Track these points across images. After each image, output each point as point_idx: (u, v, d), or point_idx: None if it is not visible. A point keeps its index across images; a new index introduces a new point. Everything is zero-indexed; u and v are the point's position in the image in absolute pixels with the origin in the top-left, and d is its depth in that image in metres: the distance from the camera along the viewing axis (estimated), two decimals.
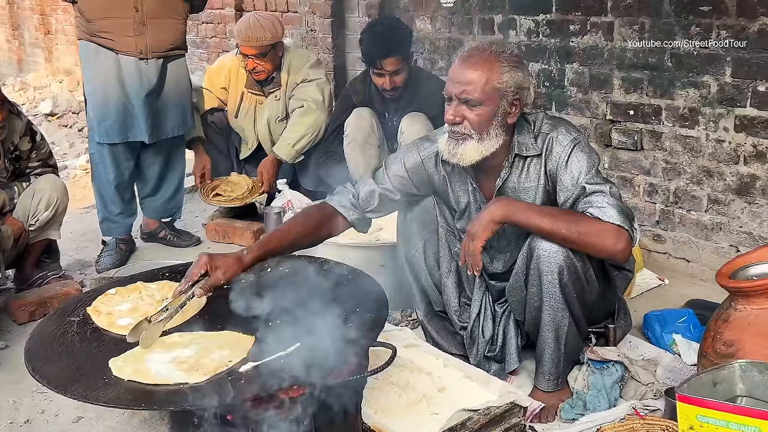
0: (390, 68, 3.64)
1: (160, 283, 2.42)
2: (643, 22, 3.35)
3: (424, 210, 2.56)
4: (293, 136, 4.09)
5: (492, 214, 2.24)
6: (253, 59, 4.05)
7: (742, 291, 2.03)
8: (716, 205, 3.27)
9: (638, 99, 3.45)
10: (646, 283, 3.35)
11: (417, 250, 2.60)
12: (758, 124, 3.05)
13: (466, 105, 2.26)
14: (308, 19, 5.37)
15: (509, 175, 2.38)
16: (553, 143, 2.31)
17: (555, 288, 2.25)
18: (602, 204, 2.17)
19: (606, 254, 2.22)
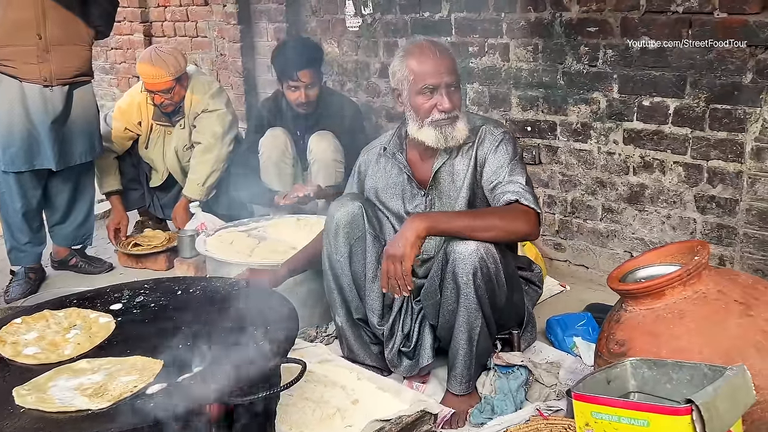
0: (306, 80, 3.62)
1: (67, 310, 2.36)
2: (536, 44, 3.46)
3: (351, 217, 2.57)
4: (200, 175, 4.01)
5: (416, 230, 2.25)
6: (161, 95, 3.97)
7: (631, 293, 2.11)
8: (610, 213, 3.40)
9: (535, 116, 3.57)
10: (549, 290, 3.44)
11: (342, 255, 2.59)
12: (644, 137, 3.19)
13: (452, 89, 2.43)
14: (217, 44, 5.34)
15: (446, 160, 2.53)
16: (485, 134, 2.51)
17: (470, 289, 2.30)
18: (517, 189, 2.36)
19: (521, 234, 2.36)
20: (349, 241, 2.58)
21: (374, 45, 4.24)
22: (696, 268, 2.02)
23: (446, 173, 2.55)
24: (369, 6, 4.19)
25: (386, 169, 2.67)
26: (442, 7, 3.81)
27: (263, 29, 4.87)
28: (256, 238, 3.42)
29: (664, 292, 2.04)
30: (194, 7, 5.51)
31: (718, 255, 3.07)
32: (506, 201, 2.36)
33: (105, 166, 4.15)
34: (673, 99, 3.06)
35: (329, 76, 4.52)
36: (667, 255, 2.23)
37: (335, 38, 4.47)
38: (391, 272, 2.27)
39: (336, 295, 2.66)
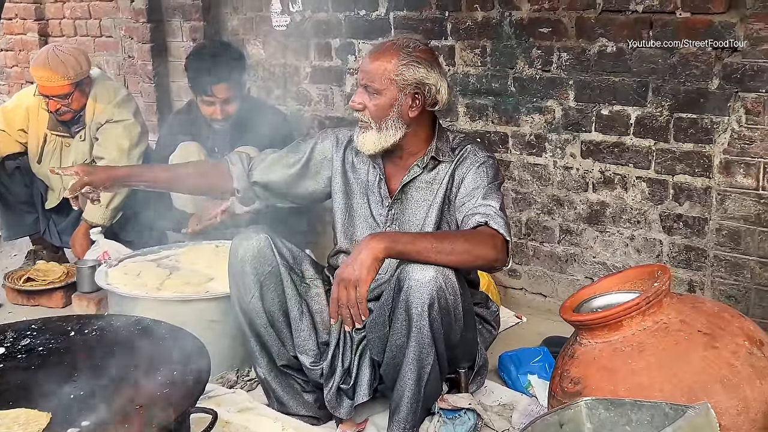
0: (221, 95, 3.62)
1: None
2: (484, 46, 3.53)
3: (257, 250, 2.56)
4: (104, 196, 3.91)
5: (374, 251, 2.23)
6: (57, 101, 3.91)
7: (585, 324, 2.15)
8: (568, 235, 3.47)
9: (484, 126, 3.63)
10: (504, 321, 3.47)
11: (253, 296, 2.57)
12: (604, 149, 3.28)
13: (367, 93, 2.51)
14: (125, 45, 5.29)
15: (419, 174, 2.59)
16: (469, 153, 2.59)
17: (424, 321, 2.28)
18: (488, 212, 2.41)
19: (490, 260, 2.36)
20: (259, 279, 2.56)
21: (304, 47, 4.26)
22: (656, 296, 2.08)
23: (416, 188, 2.61)
24: (298, 2, 4.22)
25: (353, 164, 2.72)
26: (379, 5, 3.86)
27: (177, 28, 4.84)
28: (167, 268, 3.39)
29: (621, 322, 2.09)
30: (98, 3, 5.45)
31: (687, 280, 3.16)
32: (475, 223, 2.40)
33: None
34: (635, 107, 3.16)
35: (253, 81, 4.52)
36: (625, 281, 2.29)
37: (260, 39, 4.48)
38: (343, 299, 2.23)
39: (254, 343, 2.64)
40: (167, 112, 4.95)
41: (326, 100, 4.26)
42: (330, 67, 4.17)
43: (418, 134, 2.58)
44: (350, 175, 2.72)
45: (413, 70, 2.47)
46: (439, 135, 2.62)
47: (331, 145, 2.76)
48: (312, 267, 2.69)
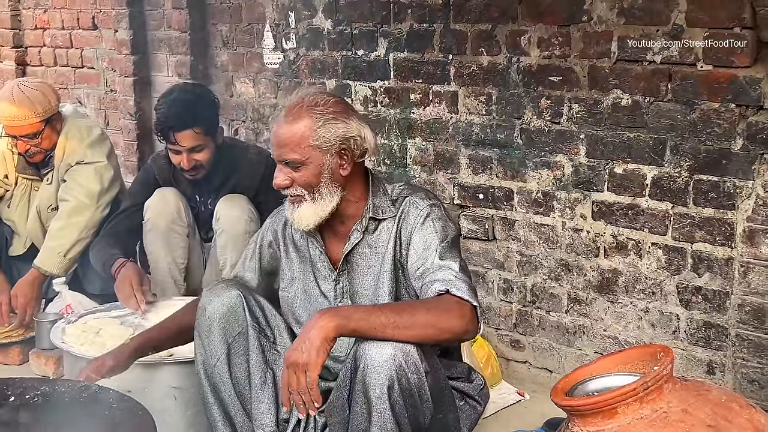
0: (186, 143, 3.62)
1: None
2: (490, 93, 3.56)
3: (227, 308, 2.55)
4: (63, 242, 3.91)
5: (324, 331, 2.20)
6: (25, 141, 3.94)
7: (576, 410, 2.12)
8: (577, 304, 3.45)
9: (488, 181, 3.64)
10: (503, 398, 3.46)
11: (219, 360, 2.55)
12: (617, 211, 3.27)
13: (290, 167, 2.48)
14: (107, 78, 5.37)
15: (361, 239, 2.55)
16: (410, 206, 2.54)
17: (384, 405, 2.23)
18: (449, 278, 2.35)
19: (458, 332, 2.32)
20: (227, 340, 2.55)
21: (297, 86, 4.30)
22: (655, 381, 2.05)
23: (361, 255, 2.57)
24: (292, 40, 4.28)
25: (294, 243, 2.70)
26: (378, 45, 3.91)
27: (163, 62, 4.92)
28: (131, 326, 3.39)
29: (617, 409, 2.06)
30: (80, 31, 5.56)
31: (706, 360, 3.12)
32: (435, 292, 2.35)
33: None
34: (651, 166, 3.15)
35: (242, 122, 4.57)
36: (625, 362, 2.26)
37: (250, 76, 4.53)
38: (293, 385, 2.21)
39: (216, 412, 2.60)
40: (149, 152, 5.01)
41: None
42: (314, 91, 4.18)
43: (353, 194, 2.55)
44: (293, 255, 2.71)
45: (332, 128, 2.45)
46: (374, 190, 2.59)
47: (272, 234, 2.77)
48: (287, 332, 2.66)
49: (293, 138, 2.45)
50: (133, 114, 5.11)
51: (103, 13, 5.31)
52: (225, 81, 4.63)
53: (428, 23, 3.71)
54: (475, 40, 3.56)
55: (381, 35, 3.90)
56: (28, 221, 4.18)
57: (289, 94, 4.35)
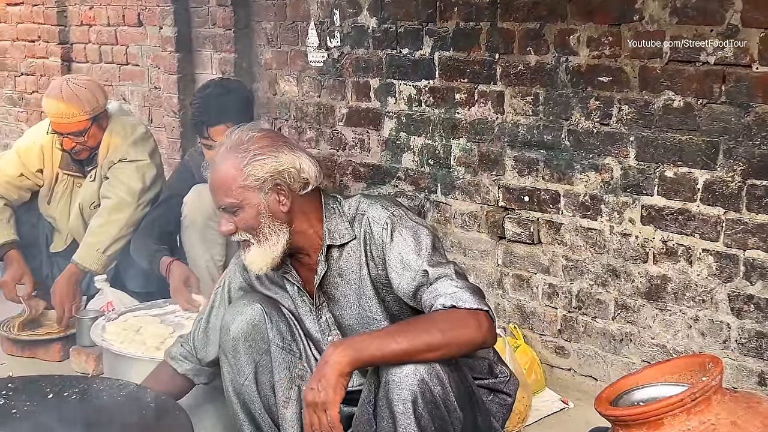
0: (219, 139, 3.64)
1: None
2: (537, 93, 3.53)
3: (251, 326, 2.54)
4: (102, 239, 3.96)
5: (338, 367, 2.19)
6: (71, 138, 4.00)
7: (621, 420, 2.09)
8: (624, 311, 3.41)
9: (534, 183, 3.61)
10: (547, 406, 3.43)
11: (247, 378, 2.56)
12: (667, 216, 3.23)
13: (228, 213, 2.45)
14: (151, 75, 5.43)
15: (327, 269, 2.50)
16: (370, 224, 2.46)
17: (409, 420, 2.22)
18: (451, 290, 2.28)
19: (477, 343, 2.28)
20: (254, 358, 2.55)
21: (341, 85, 4.31)
22: (703, 392, 2.01)
23: (334, 285, 2.53)
24: (336, 38, 4.28)
25: (270, 278, 2.66)
26: (423, 44, 3.89)
27: (207, 59, 4.96)
28: (170, 325, 3.42)
29: (663, 421, 2.03)
30: (125, 28, 5.62)
31: (758, 371, 3.06)
32: (440, 307, 2.28)
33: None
34: (703, 170, 3.10)
35: (285, 120, 4.59)
36: (673, 372, 2.23)
37: (294, 75, 4.55)
38: (315, 425, 2.20)
39: (247, 428, 2.61)
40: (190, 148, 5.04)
41: (361, 145, 4.29)
42: (367, 108, 4.21)
43: (308, 224, 2.50)
44: (272, 294, 2.66)
45: (260, 165, 2.40)
46: (327, 215, 2.51)
47: (241, 276, 2.72)
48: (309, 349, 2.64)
49: (224, 182, 2.41)
50: (177, 111, 5.15)
51: (148, 9, 5.36)
52: (269, 79, 4.64)
53: (475, 21, 3.69)
54: (522, 39, 3.54)
55: (426, 33, 3.88)
56: (70, 218, 4.24)
57: (332, 92, 4.36)
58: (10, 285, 4.05)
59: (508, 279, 3.74)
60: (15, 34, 6.71)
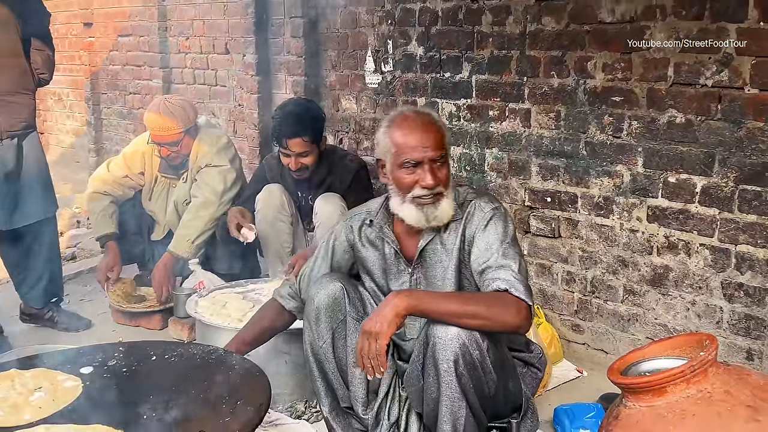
0: (295, 149, 3.70)
1: (35, 370, 2.39)
2: (559, 111, 3.49)
3: (332, 300, 2.53)
4: (191, 231, 4.00)
5: (396, 308, 2.21)
6: (167, 147, 4.05)
7: (630, 388, 2.07)
8: (632, 295, 3.36)
9: (555, 186, 3.57)
10: (564, 374, 3.40)
11: (325, 342, 2.55)
12: (669, 215, 3.17)
13: (437, 164, 2.39)
14: (236, 94, 5.47)
15: (434, 237, 2.49)
16: (475, 209, 2.45)
17: (451, 377, 2.23)
18: (509, 277, 2.28)
19: (509, 327, 2.28)
20: (332, 326, 2.54)
21: (392, 103, 4.31)
22: (701, 365, 1.98)
23: (433, 251, 2.51)
24: (389, 63, 4.28)
25: (370, 241, 2.63)
26: (462, 68, 3.87)
27: (282, 81, 4.99)
28: (251, 301, 3.45)
29: (666, 389, 2.00)
30: (215, 55, 5.67)
31: (746, 348, 3.00)
32: (495, 288, 2.28)
33: (97, 209, 4.20)
34: (701, 177, 3.05)
35: (345, 133, 4.60)
36: (674, 347, 2.20)
37: (354, 94, 4.55)
38: (365, 350, 2.22)
39: (320, 384, 2.61)
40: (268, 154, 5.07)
41: None
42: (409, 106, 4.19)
43: None
44: (369, 253, 2.62)
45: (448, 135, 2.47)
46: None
47: (346, 236, 2.67)
48: None
49: (438, 138, 2.39)
50: (256, 125, 5.18)
51: (233, 40, 5.40)
52: (333, 98, 4.65)
53: (506, 50, 3.66)
54: (547, 65, 3.50)
55: (465, 60, 3.86)
56: (167, 213, 4.29)
57: (385, 109, 4.36)
58: (104, 270, 4.12)
59: (533, 267, 3.70)
60: (125, 60, 6.81)
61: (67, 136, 8.10)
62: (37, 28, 3.74)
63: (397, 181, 2.43)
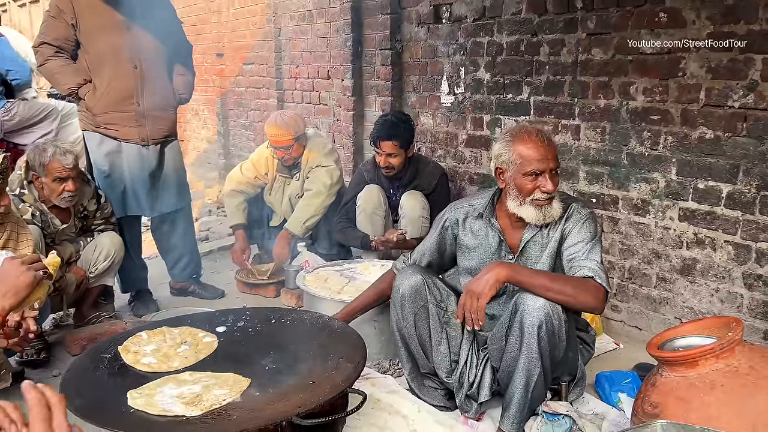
0: (386, 150, 3.73)
1: (182, 328, 2.45)
2: (604, 127, 3.39)
3: (414, 290, 2.53)
4: (304, 214, 4.08)
5: (497, 275, 2.22)
6: (282, 150, 4.11)
7: (667, 360, 2.00)
8: (663, 282, 3.24)
9: (600, 189, 3.47)
10: (604, 346, 3.31)
11: (408, 322, 2.55)
12: (698, 216, 3.05)
13: (553, 173, 2.38)
14: (335, 111, 5.51)
15: (537, 232, 2.47)
16: (573, 211, 2.45)
17: (533, 339, 2.22)
18: (594, 267, 2.28)
19: (589, 307, 2.27)
20: (414, 310, 2.54)
21: (462, 119, 4.26)
22: (729, 343, 1.91)
23: (534, 243, 2.48)
24: (461, 86, 4.23)
25: (475, 230, 2.60)
26: (523, 91, 3.80)
27: (372, 101, 4.99)
28: (346, 277, 3.47)
29: (698, 362, 1.93)
30: (319, 80, 5.72)
31: (763, 329, 2.87)
32: (581, 275, 2.28)
33: (233, 204, 4.31)
34: (727, 184, 2.92)
35: (423, 143, 4.58)
36: (705, 328, 2.12)
37: (431, 111, 4.53)
38: (467, 306, 2.23)
39: (404, 353, 2.62)
40: (360, 161, 5.10)
41: (476, 161, 4.23)
42: (481, 135, 4.14)
43: None
44: (471, 240, 2.60)
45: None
46: None
47: (450, 223, 2.65)
48: (455, 303, 2.60)
49: (556, 150, 2.39)
50: (351, 136, 5.20)
51: (334, 67, 5.44)
52: (413, 115, 4.62)
53: (560, 75, 3.57)
54: (595, 88, 3.40)
55: (525, 84, 3.79)
56: (282, 205, 4.35)
57: (456, 124, 4.32)
58: (238, 254, 4.22)
59: None
60: (248, 83, 6.93)
61: (202, 143, 8.31)
62: (181, 57, 3.83)
63: (519, 186, 2.40)
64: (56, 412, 0.99)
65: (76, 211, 3.47)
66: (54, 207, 3.35)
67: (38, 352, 3.18)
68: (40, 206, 3.31)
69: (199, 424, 1.75)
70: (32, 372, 3.08)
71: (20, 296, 1.69)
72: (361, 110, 5.13)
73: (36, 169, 3.26)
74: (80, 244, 3.50)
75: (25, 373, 3.04)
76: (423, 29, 4.47)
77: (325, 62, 5.57)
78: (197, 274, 4.12)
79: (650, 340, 2.15)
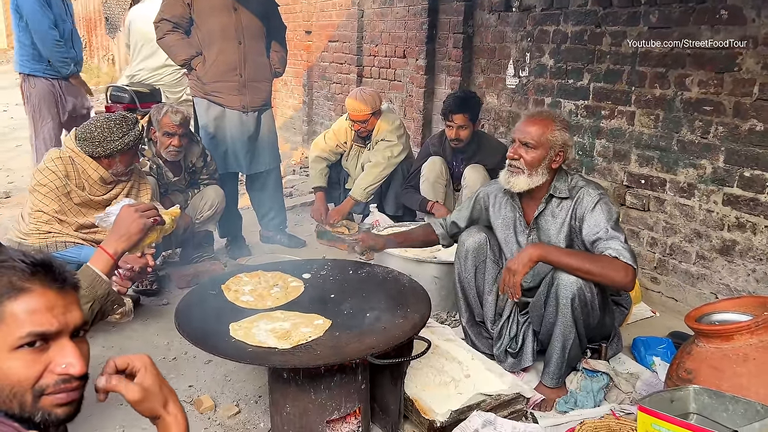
0: (457, 122, 3.69)
1: (274, 273, 2.55)
2: (658, 114, 3.27)
3: (478, 245, 2.57)
4: (366, 182, 4.10)
5: (530, 255, 2.23)
6: (358, 123, 4.13)
7: (704, 332, 1.97)
8: (702, 260, 3.15)
9: (649, 172, 3.37)
10: (641, 313, 3.26)
11: (469, 273, 2.59)
12: (742, 201, 2.93)
13: (525, 147, 2.36)
14: (408, 88, 5.48)
15: (545, 208, 2.45)
16: (584, 194, 2.37)
17: (567, 310, 2.24)
18: (618, 247, 2.21)
19: (618, 285, 2.22)
20: (476, 263, 2.57)
21: (525, 100, 4.18)
22: (764, 321, 1.86)
23: (544, 219, 2.47)
24: (526, 70, 4.14)
25: (502, 204, 2.61)
26: (583, 77, 3.69)
27: (443, 80, 4.94)
28: None
29: (733, 336, 1.90)
30: (395, 59, 5.68)
31: None
32: (608, 254, 2.21)
33: (317, 168, 4.37)
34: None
35: (487, 120, 4.52)
36: (741, 305, 2.07)
37: (496, 92, 4.45)
38: (506, 281, 2.27)
39: (462, 303, 2.66)
40: (428, 133, 5.08)
41: None
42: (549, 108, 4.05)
43: (549, 179, 2.42)
44: (499, 213, 2.61)
45: (561, 134, 2.34)
46: (558, 176, 2.42)
47: (483, 196, 2.67)
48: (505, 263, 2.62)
49: (537, 130, 2.35)
50: (421, 111, 5.18)
51: (409, 48, 5.38)
52: (480, 94, 4.56)
53: (620, 65, 3.45)
54: (652, 79, 3.28)
55: (586, 71, 3.68)
56: (356, 170, 4.38)
57: (519, 105, 4.24)
58: (318, 212, 4.28)
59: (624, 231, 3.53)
60: (332, 58, 6.94)
61: (288, 110, 8.41)
62: (278, 36, 3.89)
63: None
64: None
65: (186, 166, 3.61)
66: (168, 161, 3.50)
67: (151, 283, 3.36)
68: (156, 160, 3.47)
69: (290, 355, 1.84)
70: (146, 299, 3.27)
71: (132, 240, 1.71)
72: (431, 87, 5.09)
73: (153, 123, 3.42)
74: (188, 194, 3.66)
75: (141, 300, 3.23)
76: (494, 16, 4.37)
77: (402, 43, 5.52)
78: (283, 225, 4.24)
79: (689, 312, 2.12)
